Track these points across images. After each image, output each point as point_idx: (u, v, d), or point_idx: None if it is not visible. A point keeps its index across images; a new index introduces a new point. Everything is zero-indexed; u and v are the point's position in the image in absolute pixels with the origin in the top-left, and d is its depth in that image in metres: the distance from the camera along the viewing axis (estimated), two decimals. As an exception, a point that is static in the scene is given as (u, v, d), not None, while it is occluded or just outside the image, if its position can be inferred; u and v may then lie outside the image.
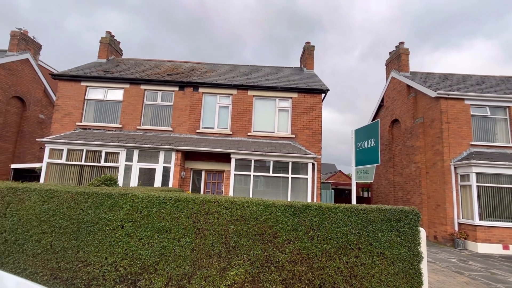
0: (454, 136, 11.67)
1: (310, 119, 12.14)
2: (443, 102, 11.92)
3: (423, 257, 4.01)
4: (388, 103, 16.31)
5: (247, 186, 10.84)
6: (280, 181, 11.03)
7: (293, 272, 3.95)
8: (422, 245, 4.04)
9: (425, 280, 3.98)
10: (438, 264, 8.16)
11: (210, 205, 4.10)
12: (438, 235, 11.61)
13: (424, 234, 4.12)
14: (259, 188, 11.05)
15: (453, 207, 11.14)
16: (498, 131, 12.04)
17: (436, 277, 6.80)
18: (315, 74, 14.26)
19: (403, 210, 4.07)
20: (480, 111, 12.03)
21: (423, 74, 15.25)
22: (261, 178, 11.10)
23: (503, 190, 10.60)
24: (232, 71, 14.22)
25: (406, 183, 14.01)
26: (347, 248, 4.00)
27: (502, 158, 10.81)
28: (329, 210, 4.11)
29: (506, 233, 10.16)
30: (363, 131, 4.89)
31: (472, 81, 14.05)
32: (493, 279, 6.84)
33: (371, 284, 3.91)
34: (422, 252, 4.02)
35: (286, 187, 10.97)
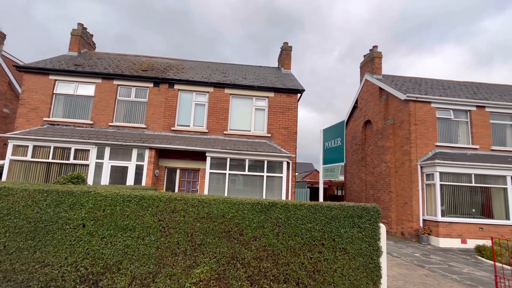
0: (421, 137, 12.28)
1: (286, 118, 12.31)
2: (411, 105, 12.50)
3: (383, 252, 4.21)
4: (362, 104, 16.86)
5: (222, 185, 10.83)
6: (255, 179, 11.11)
7: (259, 268, 4.02)
8: (381, 240, 4.24)
9: (384, 273, 4.19)
10: (402, 258, 8.58)
11: (176, 203, 4.08)
12: (405, 231, 12.19)
13: (384, 230, 4.32)
14: (234, 186, 11.08)
15: (419, 204, 11.74)
16: (460, 133, 12.81)
17: (400, 271, 7.15)
18: (292, 74, 14.47)
19: (365, 207, 4.25)
20: (445, 114, 12.74)
21: (395, 77, 15.90)
22: (237, 177, 11.14)
23: (463, 189, 11.30)
24: (209, 68, 14.12)
25: (377, 182, 14.57)
26: (311, 244, 4.12)
27: (463, 159, 11.52)
28: (295, 207, 4.21)
29: (464, 228, 10.85)
30: (331, 130, 5.05)
31: (439, 86, 14.83)
32: (450, 271, 7.29)
33: (333, 279, 4.06)
34: (382, 247, 4.22)
35: (261, 185, 11.07)
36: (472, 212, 11.23)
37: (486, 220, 11.09)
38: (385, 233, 4.34)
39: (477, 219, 11.06)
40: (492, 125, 12.81)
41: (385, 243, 4.28)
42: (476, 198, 11.39)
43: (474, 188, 11.35)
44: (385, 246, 4.27)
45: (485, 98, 13.26)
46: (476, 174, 11.26)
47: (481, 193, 11.40)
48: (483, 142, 12.53)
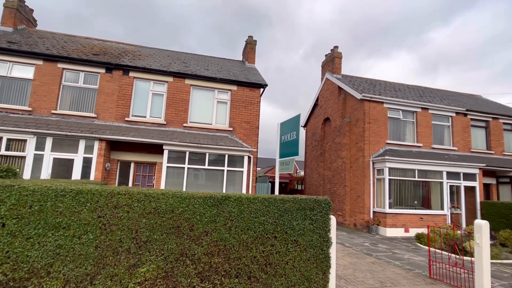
0: (374, 135, 13.02)
1: (248, 112, 12.24)
2: (366, 104, 13.17)
3: (332, 243, 4.34)
4: (322, 102, 17.41)
5: (181, 180, 10.46)
6: (216, 174, 10.91)
7: (210, 264, 3.90)
8: (332, 232, 4.36)
9: (333, 263, 4.32)
10: (353, 248, 9.04)
11: (119, 198, 3.78)
12: (357, 222, 12.91)
13: (334, 221, 4.45)
14: (194, 181, 10.76)
15: (370, 197, 12.48)
16: (407, 132, 13.83)
17: (350, 260, 7.52)
18: (256, 69, 14.40)
19: (317, 199, 4.33)
20: (395, 114, 13.64)
21: (353, 77, 16.63)
22: (197, 171, 10.83)
23: (408, 183, 12.25)
24: (169, 57, 13.47)
25: (334, 176, 15.22)
26: (264, 237, 4.10)
27: (409, 155, 12.46)
28: (248, 201, 4.14)
29: (407, 218, 11.79)
30: (287, 124, 5.07)
31: (391, 88, 15.83)
32: (393, 258, 7.86)
33: (284, 271, 4.08)
34: (332, 238, 4.34)
35: (221, 180, 10.90)
36: (414, 204, 12.24)
37: (425, 210, 12.16)
38: (335, 225, 4.47)
39: (418, 210, 12.09)
40: (434, 126, 14.03)
41: (335, 234, 4.42)
42: (418, 191, 12.42)
43: (417, 182, 12.35)
44: (334, 237, 4.41)
45: (428, 101, 14.45)
46: (419, 170, 12.26)
47: (422, 186, 12.46)
48: (426, 141, 13.68)
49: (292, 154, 4.81)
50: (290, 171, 5.11)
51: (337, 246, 9.32)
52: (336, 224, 14.65)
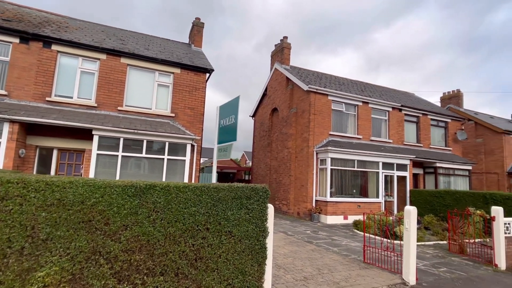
0: (318, 126, 13.38)
1: (193, 98, 11.55)
2: (312, 96, 13.43)
3: (269, 232, 4.12)
4: (271, 92, 17.39)
5: (113, 169, 9.42)
6: (154, 163, 10.08)
7: (129, 262, 3.38)
8: (269, 221, 4.14)
9: (269, 254, 4.12)
10: (295, 236, 9.16)
11: (9, 188, 3.03)
12: (301, 211, 13.25)
13: (272, 210, 4.24)
14: (128, 170, 9.79)
15: (313, 186, 12.87)
16: (349, 124, 14.54)
17: (291, 248, 7.54)
18: (202, 53, 13.65)
19: (254, 187, 4.05)
20: (339, 106, 14.20)
21: (301, 69, 16.87)
22: (132, 160, 9.87)
23: (348, 172, 12.91)
24: (104, 32, 11.98)
25: (280, 166, 15.39)
26: (195, 229, 3.70)
27: (349, 146, 13.10)
28: (177, 190, 3.69)
29: (346, 206, 12.46)
30: (226, 107, 4.70)
31: (336, 81, 16.45)
32: (332, 244, 8.12)
33: (217, 265, 3.75)
34: (269, 227, 4.13)
35: (161, 169, 10.12)
36: (353, 192, 12.97)
37: (363, 199, 12.99)
38: (273, 213, 4.27)
39: (356, 198, 12.85)
40: (373, 119, 14.98)
41: (272, 223, 4.21)
42: (357, 180, 13.19)
43: (356, 172, 13.09)
44: (272, 226, 4.20)
45: (369, 95, 15.36)
46: (358, 160, 12.99)
47: (360, 176, 13.25)
48: (365, 133, 14.56)
49: (230, 139, 4.46)
50: (228, 158, 4.78)
51: (280, 234, 9.36)
52: (281, 213, 14.96)
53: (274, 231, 10.20)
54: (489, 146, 18.63)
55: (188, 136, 10.38)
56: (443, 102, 21.99)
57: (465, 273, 5.84)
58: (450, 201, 11.39)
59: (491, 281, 5.48)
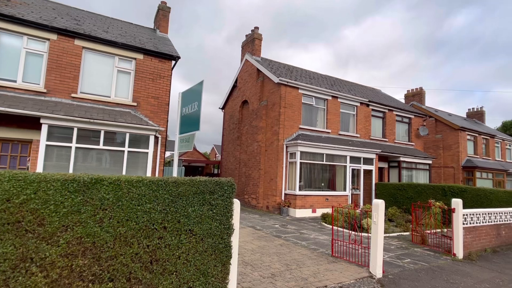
0: (288, 119, 13.27)
1: (157, 86, 10.83)
2: (283, 89, 13.26)
3: (235, 230, 3.81)
4: (241, 84, 16.99)
5: (66, 162, 8.54)
6: (114, 155, 9.32)
7: (70, 268, 2.90)
8: (235, 217, 3.83)
9: (234, 253, 3.81)
10: (264, 231, 8.97)
11: None
12: (270, 205, 13.13)
13: (238, 206, 3.93)
14: (84, 163, 8.94)
15: (282, 180, 12.78)
16: (318, 118, 14.62)
17: (259, 243, 7.32)
18: (168, 39, 12.86)
19: (219, 181, 3.71)
20: (309, 100, 14.20)
21: (272, 61, 16.63)
22: (89, 152, 9.02)
23: (316, 166, 12.99)
24: (55, 10, 10.77)
25: (249, 160, 15.13)
26: (150, 228, 3.29)
27: (319, 140, 13.17)
28: (129, 184, 3.24)
29: (315, 199, 12.55)
30: (189, 93, 4.27)
31: (306, 75, 16.45)
32: (300, 238, 8.04)
33: (176, 267, 3.37)
34: (234, 224, 3.81)
35: (121, 162, 9.39)
36: (322, 186, 13.10)
37: (331, 192, 13.17)
38: (239, 209, 3.96)
39: (325, 192, 13.00)
40: (341, 114, 15.21)
41: (238, 219, 3.90)
42: (325, 174, 13.33)
43: (324, 166, 13.22)
44: (237, 223, 3.89)
45: (338, 90, 15.55)
46: (327, 154, 13.11)
47: (329, 170, 13.41)
48: (334, 127, 14.74)
49: (193, 128, 4.04)
50: (190, 149, 4.37)
51: (248, 229, 9.12)
52: (250, 207, 14.75)
53: (242, 226, 9.97)
54: (447, 141, 19.92)
55: (151, 127, 9.71)
56: (407, 99, 23.07)
57: (427, 264, 6.00)
58: (412, 194, 11.90)
59: (450, 271, 5.67)
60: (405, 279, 5.08)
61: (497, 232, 7.30)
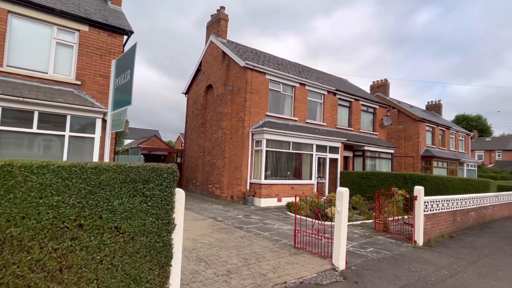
0: (254, 105, 12.67)
1: (107, 64, 9.59)
2: (249, 73, 12.58)
3: (177, 225, 3.16)
4: (205, 67, 16.00)
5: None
6: (51, 141, 8.11)
7: None
8: (177, 210, 3.17)
9: (177, 252, 3.18)
10: (225, 222, 8.40)
11: None
12: (235, 194, 12.58)
13: (182, 196, 3.28)
14: (8, 150, 7.63)
15: (247, 169, 12.26)
16: (286, 106, 14.21)
17: (218, 236, 6.74)
18: (122, 12, 11.49)
19: (155, 168, 3.02)
20: (276, 86, 13.68)
21: (238, 45, 15.81)
22: (17, 136, 7.71)
23: (283, 154, 12.63)
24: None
25: (214, 148, 14.39)
26: (59, 227, 2.53)
27: (285, 128, 12.77)
28: (27, 171, 2.45)
29: (281, 188, 12.23)
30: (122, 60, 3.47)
31: (274, 61, 15.88)
32: (263, 229, 7.59)
33: (96, 274, 2.67)
34: (177, 218, 3.16)
35: (60, 148, 8.20)
36: (288, 174, 12.80)
37: (296, 180, 12.93)
38: (184, 200, 3.31)
39: (291, 180, 12.72)
40: (309, 102, 14.93)
41: (182, 213, 3.25)
42: (291, 162, 13.03)
43: (290, 154, 12.89)
44: (181, 217, 3.25)
45: (306, 77, 15.21)
46: (293, 142, 12.78)
47: (295, 158, 13.13)
48: (301, 115, 14.44)
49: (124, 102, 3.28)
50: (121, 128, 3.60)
51: (208, 221, 8.50)
52: (214, 197, 14.09)
53: (202, 218, 9.31)
54: (408, 132, 20.68)
55: (97, 109, 8.59)
56: (372, 90, 23.55)
57: (389, 252, 5.83)
58: (375, 182, 12.03)
59: (411, 258, 5.54)
60: (368, 269, 4.81)
61: (453, 218, 7.44)
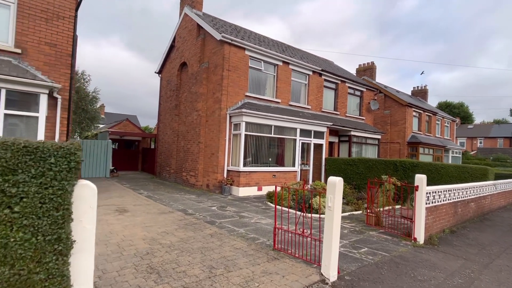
0: (233, 84, 11.36)
1: (54, 30, 7.99)
2: (226, 48, 11.20)
3: (75, 242, 1.96)
4: (179, 43, 14.40)
5: None
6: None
7: None
8: (85, 215, 2.00)
9: (85, 283, 1.99)
10: (196, 215, 7.26)
11: None
12: (210, 183, 11.41)
13: (94, 193, 2.09)
14: None
15: (224, 155, 11.07)
16: (267, 86, 12.97)
17: (183, 234, 5.61)
18: (75, -30, 9.69)
19: (32, 148, 1.78)
20: (257, 64, 12.38)
21: (216, 18, 14.27)
22: None
23: (264, 139, 11.51)
24: None
25: (188, 132, 13.05)
26: None
27: (267, 110, 11.60)
28: None
29: (261, 176, 11.17)
30: None
31: (255, 37, 14.49)
32: (239, 224, 6.52)
33: None
34: (78, 230, 1.96)
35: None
36: (269, 161, 11.73)
37: (278, 168, 11.90)
38: (95, 198, 2.10)
39: (272, 167, 11.67)
40: (292, 82, 13.75)
41: (92, 218, 2.09)
42: (273, 148, 11.94)
43: (272, 139, 11.79)
44: (91, 225, 2.08)
45: (290, 56, 13.96)
46: (275, 126, 11.65)
47: (277, 143, 12.04)
48: (284, 97, 13.28)
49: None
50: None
51: (175, 215, 7.32)
52: (188, 185, 12.82)
53: (170, 210, 8.09)
54: (394, 117, 20.03)
55: (40, 83, 7.07)
56: (358, 73, 22.65)
57: (387, 253, 4.90)
58: (363, 169, 11.20)
59: (414, 262, 4.63)
60: (366, 280, 3.84)
61: (454, 211, 6.66)
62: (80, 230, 1.91)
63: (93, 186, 2.02)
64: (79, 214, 1.89)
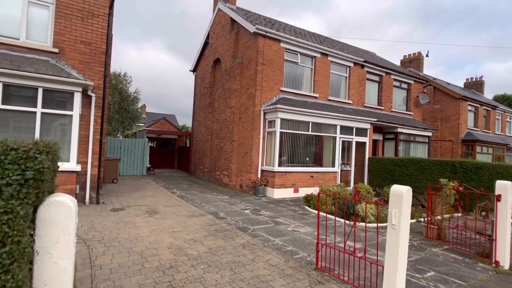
0: (267, 79, 10.71)
1: (89, 28, 7.99)
2: (260, 40, 10.56)
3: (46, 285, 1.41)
4: (213, 39, 14.07)
5: None
6: (20, 118, 6.71)
7: None
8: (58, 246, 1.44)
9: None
10: (227, 220, 6.74)
11: None
12: (244, 183, 10.89)
13: (72, 213, 1.56)
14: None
15: (258, 154, 10.48)
16: (304, 80, 12.09)
17: (213, 243, 5.11)
18: (109, -32, 9.69)
19: None
20: (293, 57, 11.58)
21: (250, 12, 13.71)
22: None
23: (301, 137, 10.69)
24: None
25: (221, 130, 12.66)
26: None
27: (304, 106, 10.76)
28: None
29: (297, 177, 10.38)
30: None
31: (291, 30, 13.66)
32: (274, 233, 5.85)
33: None
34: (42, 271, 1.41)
35: (31, 128, 6.79)
36: (306, 160, 10.89)
37: (316, 168, 11.01)
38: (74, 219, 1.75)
39: (309, 168, 10.82)
40: (332, 75, 12.72)
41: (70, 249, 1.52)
42: (310, 147, 11.07)
43: (310, 137, 10.93)
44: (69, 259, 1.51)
45: (328, 46, 12.92)
46: (313, 122, 10.78)
47: (315, 142, 11.14)
48: (323, 91, 12.31)
49: None
50: None
51: (206, 218, 6.86)
52: (221, 185, 12.40)
53: (202, 213, 7.66)
54: (445, 112, 17.91)
55: (73, 81, 7.04)
56: (403, 65, 20.70)
57: (463, 282, 3.89)
58: (413, 171, 9.88)
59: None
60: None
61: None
62: (48, 269, 1.34)
63: (69, 204, 1.42)
64: (48, 244, 1.34)
